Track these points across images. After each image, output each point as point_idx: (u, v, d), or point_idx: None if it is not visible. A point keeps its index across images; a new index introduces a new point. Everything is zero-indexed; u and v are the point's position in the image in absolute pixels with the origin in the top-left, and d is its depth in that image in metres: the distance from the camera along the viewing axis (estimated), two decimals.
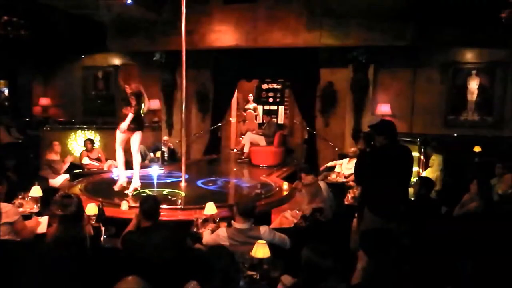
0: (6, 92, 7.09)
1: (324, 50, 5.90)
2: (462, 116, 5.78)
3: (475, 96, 5.71)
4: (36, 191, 3.11)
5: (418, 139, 5.04)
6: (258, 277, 1.97)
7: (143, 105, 3.80)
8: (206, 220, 2.79)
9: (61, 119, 7.15)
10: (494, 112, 5.61)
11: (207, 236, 2.47)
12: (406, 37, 5.21)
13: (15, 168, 4.45)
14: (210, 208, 2.84)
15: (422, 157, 4.96)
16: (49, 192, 3.38)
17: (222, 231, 2.34)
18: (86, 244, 2.06)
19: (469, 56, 5.78)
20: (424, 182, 3.19)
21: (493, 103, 5.61)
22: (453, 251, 2.08)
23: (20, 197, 3.10)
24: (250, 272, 2.01)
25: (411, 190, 3.08)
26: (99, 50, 6.87)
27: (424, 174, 4.66)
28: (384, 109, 5.87)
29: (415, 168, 4.71)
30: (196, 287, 1.51)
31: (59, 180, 4.79)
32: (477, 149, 5.17)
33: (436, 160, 4.63)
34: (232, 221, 2.38)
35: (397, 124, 2.73)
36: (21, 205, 2.98)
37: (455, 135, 5.64)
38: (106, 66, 7.13)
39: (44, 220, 2.70)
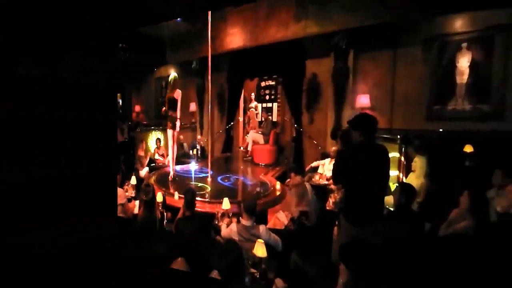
0: (120, 102, 10.24)
1: (310, 40, 5.53)
2: (449, 105, 4.47)
3: (465, 77, 4.36)
4: (134, 180, 4.23)
5: (399, 136, 4.05)
6: (258, 276, 1.99)
7: (178, 110, 4.31)
8: (223, 214, 2.95)
9: (145, 122, 8.50)
10: (491, 98, 4.17)
11: (224, 229, 2.56)
12: (386, 12, 4.47)
13: (123, 161, 5.67)
14: (226, 204, 3.00)
15: (403, 159, 3.96)
16: (139, 181, 4.30)
17: (234, 226, 2.43)
18: (157, 226, 2.35)
19: (459, 23, 4.44)
20: (405, 189, 2.55)
21: (490, 86, 4.17)
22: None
23: (126, 184, 4.19)
24: (252, 270, 2.04)
25: (389, 198, 2.61)
26: (163, 63, 8.06)
27: (406, 180, 3.71)
28: (363, 101, 5.29)
29: (394, 172, 3.93)
30: (217, 276, 1.54)
31: (143, 172, 5.66)
32: (468, 149, 3.81)
33: (418, 162, 3.57)
34: (240, 218, 2.49)
35: (377, 118, 2.30)
36: (126, 191, 3.97)
37: (441, 130, 4.42)
38: (166, 76, 7.64)
39: (137, 203, 3.26)
